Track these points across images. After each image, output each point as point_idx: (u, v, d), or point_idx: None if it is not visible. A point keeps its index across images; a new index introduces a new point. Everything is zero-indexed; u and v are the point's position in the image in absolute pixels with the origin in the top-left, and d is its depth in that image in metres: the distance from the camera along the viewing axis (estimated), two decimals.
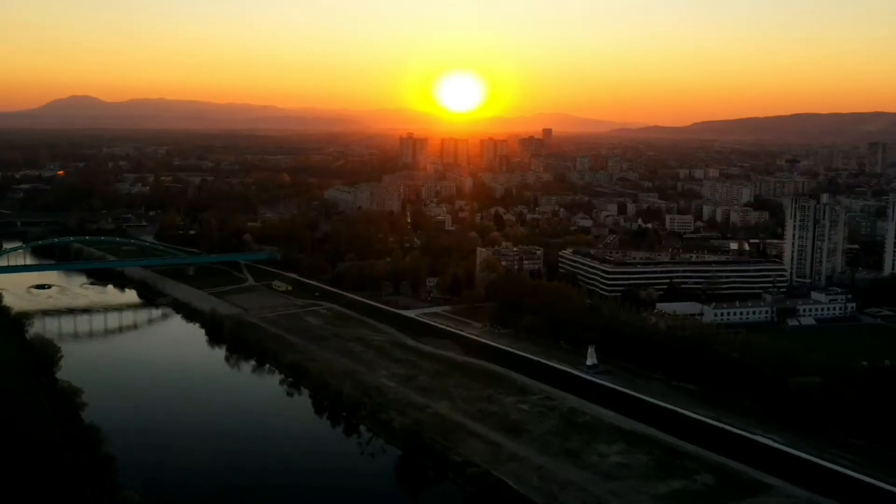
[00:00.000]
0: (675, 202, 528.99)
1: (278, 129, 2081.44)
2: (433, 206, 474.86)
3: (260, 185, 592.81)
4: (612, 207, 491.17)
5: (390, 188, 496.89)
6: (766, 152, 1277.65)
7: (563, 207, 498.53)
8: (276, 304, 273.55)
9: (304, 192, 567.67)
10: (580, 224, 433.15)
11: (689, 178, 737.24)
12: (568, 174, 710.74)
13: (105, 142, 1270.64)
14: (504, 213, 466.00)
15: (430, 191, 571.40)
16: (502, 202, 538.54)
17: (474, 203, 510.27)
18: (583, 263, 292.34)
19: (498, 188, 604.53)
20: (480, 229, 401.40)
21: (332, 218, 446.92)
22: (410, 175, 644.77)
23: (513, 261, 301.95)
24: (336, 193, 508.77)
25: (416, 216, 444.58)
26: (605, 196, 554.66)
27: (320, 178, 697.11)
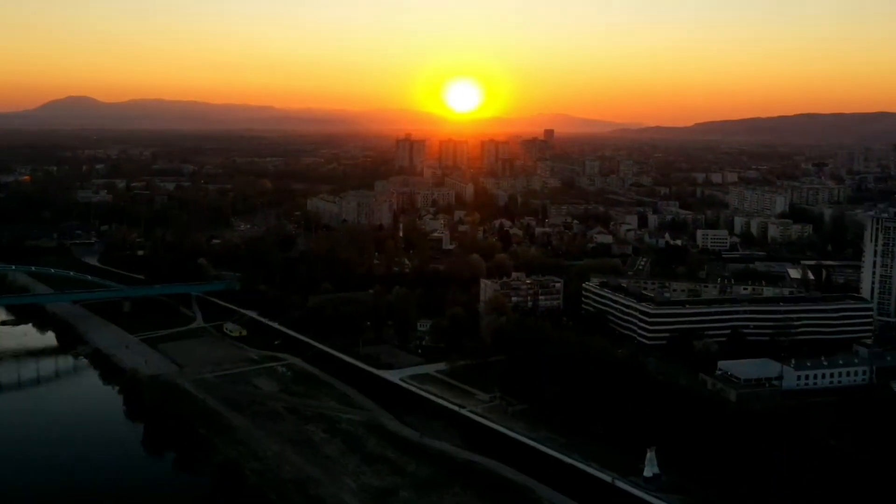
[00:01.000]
0: (701, 212, 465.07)
1: (275, 130, 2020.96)
2: (429, 219, 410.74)
3: (239, 192, 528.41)
4: (631, 219, 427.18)
5: (380, 198, 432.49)
6: (777, 154, 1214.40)
7: (575, 219, 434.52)
8: (224, 356, 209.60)
9: (286, 200, 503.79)
10: (598, 240, 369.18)
11: (707, 184, 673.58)
12: (576, 179, 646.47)
13: (93, 143, 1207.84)
14: (510, 226, 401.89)
15: (426, 199, 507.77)
16: (506, 212, 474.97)
17: (476, 215, 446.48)
18: (614, 300, 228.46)
19: (501, 195, 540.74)
20: (484, 248, 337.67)
21: (312, 233, 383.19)
22: (405, 181, 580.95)
23: (525, 296, 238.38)
24: (320, 203, 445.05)
25: (410, 231, 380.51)
26: (622, 205, 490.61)
27: (308, 182, 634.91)
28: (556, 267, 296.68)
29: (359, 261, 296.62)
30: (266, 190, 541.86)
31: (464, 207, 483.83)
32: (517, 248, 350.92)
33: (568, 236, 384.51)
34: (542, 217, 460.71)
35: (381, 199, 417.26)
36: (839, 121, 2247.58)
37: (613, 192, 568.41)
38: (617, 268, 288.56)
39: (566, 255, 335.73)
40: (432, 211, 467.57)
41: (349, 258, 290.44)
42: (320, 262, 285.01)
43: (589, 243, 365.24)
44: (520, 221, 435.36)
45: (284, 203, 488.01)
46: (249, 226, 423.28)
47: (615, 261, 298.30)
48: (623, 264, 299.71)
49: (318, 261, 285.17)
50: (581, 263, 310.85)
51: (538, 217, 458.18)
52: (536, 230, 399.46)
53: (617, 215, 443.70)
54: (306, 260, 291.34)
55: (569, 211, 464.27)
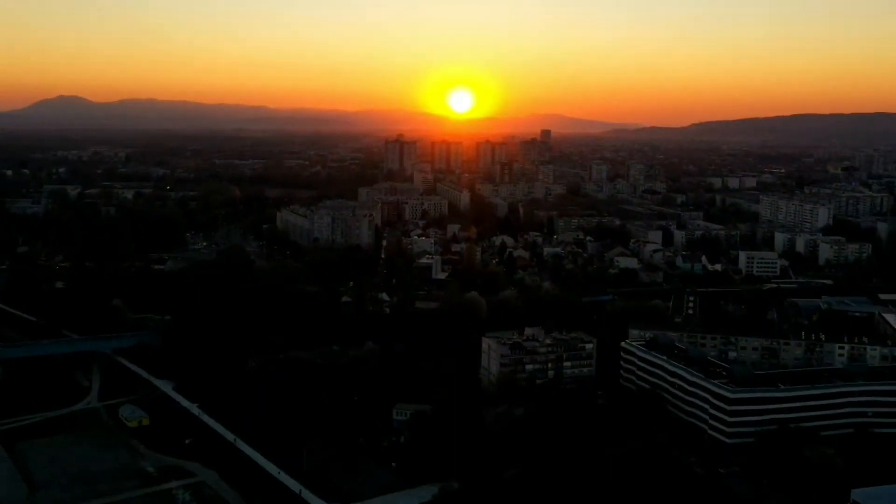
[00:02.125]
0: (731, 225, 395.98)
1: (266, 131, 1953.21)
2: (417, 237, 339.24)
3: (204, 201, 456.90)
4: (654, 236, 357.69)
5: (360, 212, 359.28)
6: (784, 156, 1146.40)
7: (588, 235, 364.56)
8: (106, 468, 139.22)
9: (255, 210, 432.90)
10: (621, 265, 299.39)
11: (725, 190, 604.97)
12: (582, 185, 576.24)
13: (72, 144, 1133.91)
14: (513, 246, 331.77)
15: (415, 210, 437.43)
16: (507, 225, 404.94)
17: (472, 229, 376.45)
18: (670, 373, 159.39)
19: (500, 204, 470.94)
20: (484, 276, 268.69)
21: (276, 255, 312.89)
22: (392, 188, 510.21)
23: (545, 363, 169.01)
24: (290, 217, 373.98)
25: (394, 253, 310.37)
26: (639, 218, 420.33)
27: (287, 188, 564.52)
28: (577, 308, 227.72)
29: (325, 301, 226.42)
30: (234, 198, 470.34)
31: (458, 220, 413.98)
32: (524, 276, 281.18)
33: (583, 259, 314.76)
34: (548, 232, 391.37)
35: (361, 215, 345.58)
36: (838, 121, 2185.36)
37: (626, 201, 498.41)
38: (658, 310, 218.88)
39: (585, 286, 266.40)
40: (421, 224, 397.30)
41: (303, 304, 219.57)
42: (267, 306, 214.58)
43: (610, 269, 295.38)
44: (524, 238, 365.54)
45: (253, 214, 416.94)
46: (205, 244, 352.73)
47: (656, 302, 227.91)
48: (664, 301, 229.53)
49: (265, 305, 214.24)
50: (609, 301, 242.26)
51: (544, 232, 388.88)
52: (545, 250, 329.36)
53: (637, 231, 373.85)
54: (253, 299, 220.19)
55: (580, 224, 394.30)
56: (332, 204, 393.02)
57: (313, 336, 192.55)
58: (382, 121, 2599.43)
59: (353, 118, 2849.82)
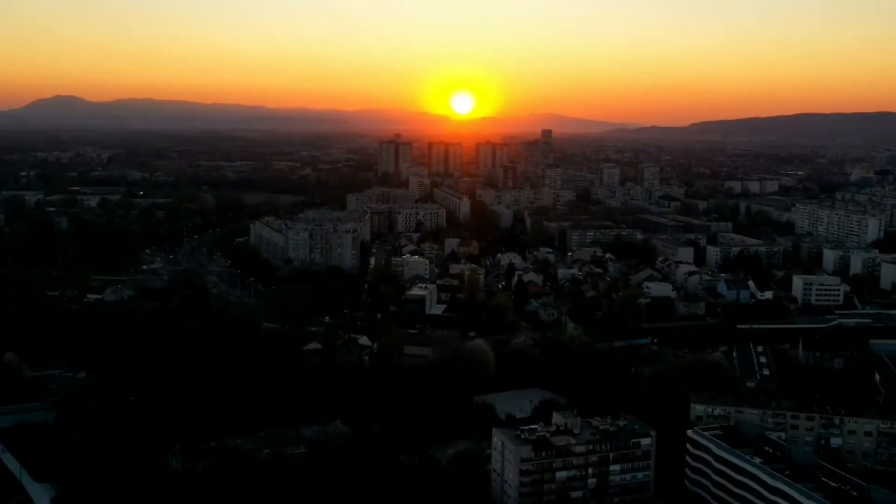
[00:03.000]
0: (769, 239, 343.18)
1: (262, 131, 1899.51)
2: (409, 257, 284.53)
3: (173, 210, 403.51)
4: (685, 253, 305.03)
5: (342, 229, 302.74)
6: (796, 156, 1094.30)
7: (608, 253, 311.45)
8: None
9: (229, 221, 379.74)
10: (653, 292, 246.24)
11: (746, 194, 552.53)
12: (593, 190, 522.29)
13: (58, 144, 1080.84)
14: (522, 268, 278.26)
15: (409, 219, 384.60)
16: (513, 239, 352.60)
17: (473, 244, 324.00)
18: (769, 488, 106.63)
19: (504, 213, 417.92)
20: (489, 311, 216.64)
21: (238, 281, 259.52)
22: (385, 195, 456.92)
23: (584, 468, 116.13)
24: (264, 231, 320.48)
25: (381, 278, 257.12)
26: (664, 230, 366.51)
27: (272, 193, 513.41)
28: (608, 359, 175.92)
29: (285, 354, 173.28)
30: (208, 207, 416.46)
31: (458, 231, 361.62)
32: (538, 308, 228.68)
33: (606, 283, 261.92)
34: (560, 246, 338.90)
35: (344, 230, 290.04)
36: (840, 121, 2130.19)
37: (643, 210, 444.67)
38: (720, 367, 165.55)
39: (612, 321, 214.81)
40: (416, 238, 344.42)
41: (263, 356, 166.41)
42: (215, 357, 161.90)
43: (640, 298, 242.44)
44: (533, 255, 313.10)
45: (227, 225, 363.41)
46: (163, 264, 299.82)
47: (716, 356, 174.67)
48: (727, 358, 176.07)
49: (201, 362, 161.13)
50: (647, 344, 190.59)
51: (555, 247, 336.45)
52: (559, 271, 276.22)
53: (663, 246, 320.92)
54: (193, 353, 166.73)
55: (596, 238, 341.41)
56: (312, 216, 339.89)
57: (264, 410, 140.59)
58: (380, 120, 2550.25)
59: (350, 118, 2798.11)
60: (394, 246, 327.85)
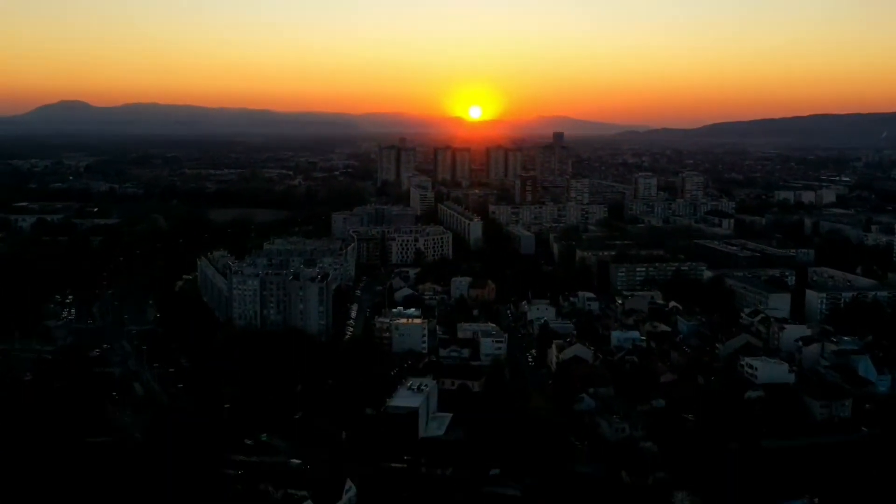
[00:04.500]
0: (876, 276, 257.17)
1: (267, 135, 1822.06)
2: (400, 322, 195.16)
3: (112, 237, 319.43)
4: (778, 301, 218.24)
5: (307, 275, 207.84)
6: (824, 159, 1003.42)
7: (671, 300, 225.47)
8: None
9: (181, 251, 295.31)
10: (760, 375, 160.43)
11: (800, 206, 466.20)
12: (627, 205, 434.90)
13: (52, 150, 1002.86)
14: (561, 335, 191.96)
15: (407, 247, 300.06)
16: (539, 275, 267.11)
17: (490, 287, 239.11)
18: None
19: (525, 238, 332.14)
20: (523, 430, 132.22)
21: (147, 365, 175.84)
22: (379, 213, 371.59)
23: None
24: (209, 271, 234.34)
25: (356, 357, 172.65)
26: (733, 262, 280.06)
27: (251, 207, 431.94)
28: None
29: None
30: (158, 230, 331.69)
31: (467, 264, 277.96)
32: (602, 420, 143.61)
33: (683, 357, 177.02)
34: (601, 284, 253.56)
35: (309, 277, 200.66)
36: (857, 121, 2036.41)
37: (695, 231, 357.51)
38: None
39: (714, 427, 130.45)
40: (413, 277, 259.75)
41: None
42: None
43: (748, 389, 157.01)
44: (569, 300, 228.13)
45: (170, 262, 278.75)
46: (70, 320, 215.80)
47: None
48: None
49: None
50: None
51: (596, 285, 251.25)
52: (612, 334, 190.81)
53: (743, 289, 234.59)
54: None
55: (649, 275, 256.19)
56: (277, 249, 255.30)
57: None
58: (387, 124, 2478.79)
59: (357, 121, 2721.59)
60: (384, 288, 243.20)
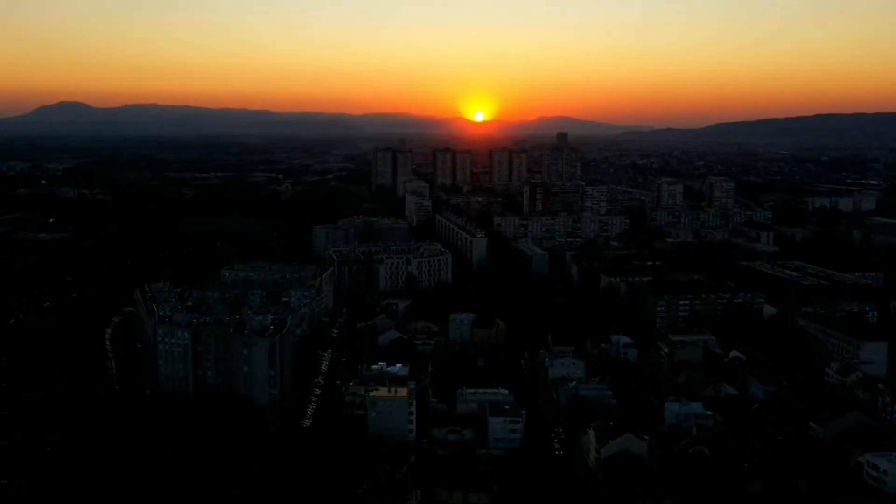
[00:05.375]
0: None
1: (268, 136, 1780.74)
2: (378, 390, 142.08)
3: (53, 254, 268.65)
4: (873, 351, 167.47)
5: (257, 324, 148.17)
6: (840, 160, 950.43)
7: (732, 348, 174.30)
8: None
9: (121, 276, 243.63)
10: (890, 481, 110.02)
11: (837, 213, 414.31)
12: (650, 215, 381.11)
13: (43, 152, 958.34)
14: (600, 410, 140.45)
15: (397, 273, 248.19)
16: (557, 308, 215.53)
17: (499, 326, 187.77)
18: None
19: (537, 256, 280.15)
20: None
21: None
22: (368, 226, 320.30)
23: None
24: (142, 310, 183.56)
25: (320, 437, 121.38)
26: (796, 291, 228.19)
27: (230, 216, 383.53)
28: None
29: None
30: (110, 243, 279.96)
31: (469, 288, 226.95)
32: None
33: (772, 443, 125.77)
34: (635, 319, 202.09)
35: (260, 327, 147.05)
36: (863, 121, 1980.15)
37: (736, 248, 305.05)
38: None
39: None
40: (403, 311, 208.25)
41: None
42: None
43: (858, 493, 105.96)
44: (600, 347, 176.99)
45: (110, 290, 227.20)
46: None
47: None
48: None
49: None
50: None
51: (628, 319, 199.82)
52: (666, 410, 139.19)
53: (822, 335, 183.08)
54: None
55: (696, 309, 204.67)
56: (235, 278, 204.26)
57: None
58: (388, 124, 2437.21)
59: (358, 122, 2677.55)
60: (366, 328, 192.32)
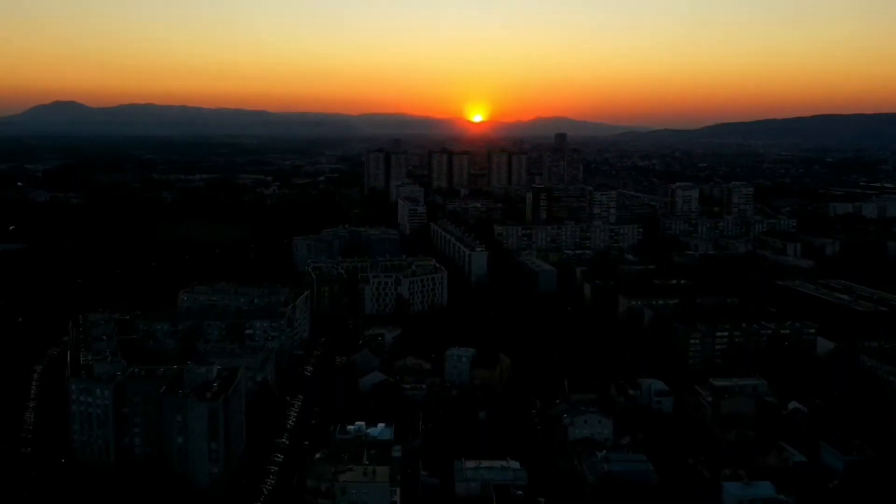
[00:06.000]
0: None
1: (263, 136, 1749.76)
2: (354, 470, 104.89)
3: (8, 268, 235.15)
4: None
5: (198, 376, 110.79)
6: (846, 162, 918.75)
7: (786, 392, 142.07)
8: None
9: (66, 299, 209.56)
10: None
11: (861, 220, 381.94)
12: (664, 224, 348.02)
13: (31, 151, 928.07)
14: (627, 479, 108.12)
15: (385, 294, 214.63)
16: (569, 339, 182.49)
17: (502, 365, 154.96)
18: None
19: (544, 271, 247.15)
20: None
21: None
22: (354, 236, 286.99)
23: None
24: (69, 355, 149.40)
25: None
26: (849, 317, 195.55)
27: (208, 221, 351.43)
28: None
29: None
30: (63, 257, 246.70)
31: (466, 310, 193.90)
32: None
33: None
34: (664, 350, 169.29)
35: (198, 384, 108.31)
36: (862, 122, 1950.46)
37: (759, 259, 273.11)
38: None
39: None
40: (390, 342, 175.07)
41: None
42: None
43: None
44: (627, 394, 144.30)
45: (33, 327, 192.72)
46: None
47: None
48: None
49: None
50: None
51: (652, 359, 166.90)
52: (726, 494, 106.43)
53: (894, 381, 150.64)
54: None
55: (733, 342, 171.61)
56: (192, 306, 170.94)
57: None
58: (385, 124, 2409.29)
59: (354, 122, 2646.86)
60: (347, 365, 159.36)
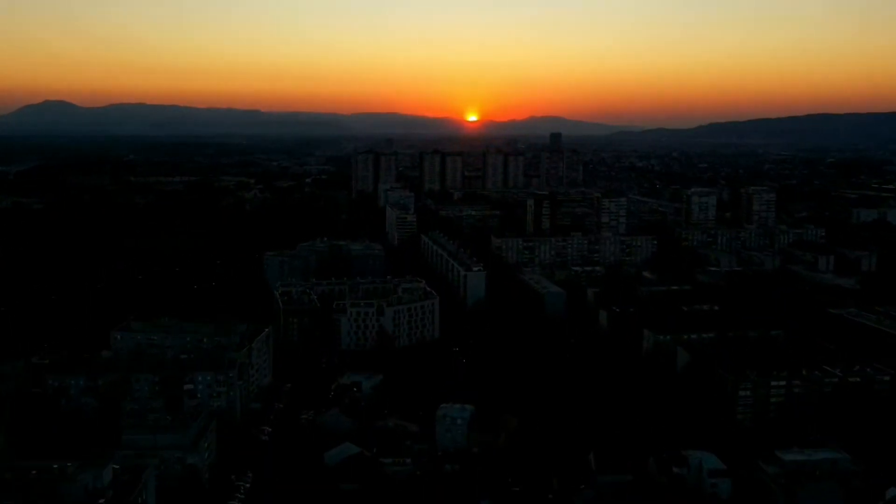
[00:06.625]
0: None
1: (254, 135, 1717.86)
2: None
3: None
4: None
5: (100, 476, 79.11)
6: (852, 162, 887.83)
7: (872, 467, 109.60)
8: None
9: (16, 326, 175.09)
10: None
11: (887, 227, 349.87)
12: (681, 234, 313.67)
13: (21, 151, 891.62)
14: None
15: (366, 326, 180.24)
16: (577, 382, 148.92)
17: (508, 426, 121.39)
18: None
19: (550, 293, 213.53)
20: None
21: None
22: (334, 251, 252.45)
23: None
24: None
25: None
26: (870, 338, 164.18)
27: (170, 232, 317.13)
28: None
29: None
30: None
31: (463, 345, 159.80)
32: None
33: None
34: (705, 399, 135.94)
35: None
36: (856, 121, 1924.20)
37: (792, 276, 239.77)
38: None
39: None
40: (370, 391, 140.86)
41: None
42: None
43: None
44: (671, 470, 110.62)
45: None
46: None
47: None
48: None
49: None
50: None
51: (690, 413, 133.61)
52: None
53: None
54: None
55: (792, 390, 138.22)
56: (127, 345, 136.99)
57: None
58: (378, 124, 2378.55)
59: (347, 121, 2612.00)
60: (314, 426, 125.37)
